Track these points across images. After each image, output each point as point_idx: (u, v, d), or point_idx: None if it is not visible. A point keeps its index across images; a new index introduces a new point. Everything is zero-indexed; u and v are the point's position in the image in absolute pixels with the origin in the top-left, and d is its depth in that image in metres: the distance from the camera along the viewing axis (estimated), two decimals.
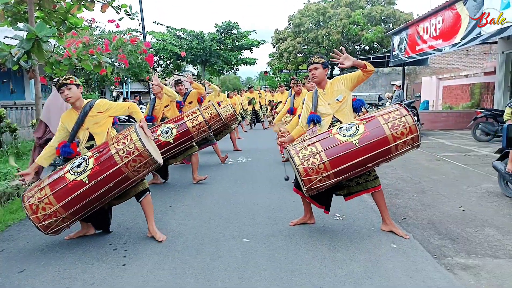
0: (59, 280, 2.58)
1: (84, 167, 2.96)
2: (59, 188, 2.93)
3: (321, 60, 3.39)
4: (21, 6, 5.56)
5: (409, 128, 3.03)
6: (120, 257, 2.93)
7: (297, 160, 3.01)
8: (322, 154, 3.00)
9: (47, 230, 2.97)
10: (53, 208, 2.90)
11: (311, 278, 2.56)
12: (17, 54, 4.55)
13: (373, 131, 3.04)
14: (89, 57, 5.90)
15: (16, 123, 8.94)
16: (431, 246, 3.12)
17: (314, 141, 3.11)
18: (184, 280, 2.57)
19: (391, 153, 3.09)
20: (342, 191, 3.38)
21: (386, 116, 3.11)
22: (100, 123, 3.29)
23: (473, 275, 2.61)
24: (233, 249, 3.04)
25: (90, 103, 3.33)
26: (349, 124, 3.14)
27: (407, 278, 2.54)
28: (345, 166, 3.00)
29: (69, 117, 3.33)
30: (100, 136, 3.28)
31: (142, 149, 2.96)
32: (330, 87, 3.40)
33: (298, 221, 3.63)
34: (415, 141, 3.09)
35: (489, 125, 8.79)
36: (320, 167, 2.97)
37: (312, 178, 2.98)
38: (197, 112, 5.23)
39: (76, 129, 3.26)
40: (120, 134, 3.13)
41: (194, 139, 5.24)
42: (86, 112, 3.26)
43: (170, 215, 3.97)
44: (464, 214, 3.91)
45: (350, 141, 3.01)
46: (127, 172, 2.98)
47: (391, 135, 3.02)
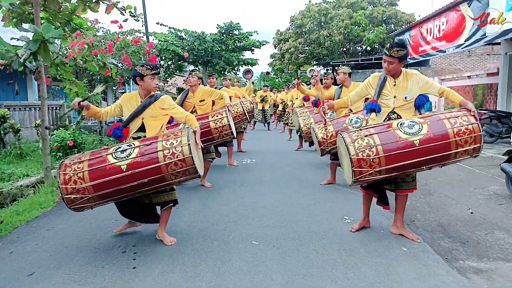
0: (69, 283, 2.57)
1: (127, 154, 2.92)
2: (96, 167, 2.89)
3: (399, 54, 3.05)
4: (26, 7, 5.55)
5: (474, 138, 2.89)
6: (130, 260, 2.92)
7: (352, 150, 2.89)
8: (379, 148, 2.87)
9: (70, 204, 2.91)
10: (83, 185, 2.85)
11: (323, 282, 2.55)
12: (23, 56, 4.54)
13: (437, 134, 2.89)
14: (94, 58, 5.89)
15: (19, 123, 8.94)
16: (442, 249, 3.11)
17: (372, 132, 2.97)
18: (195, 283, 2.55)
19: (449, 159, 2.98)
20: (390, 186, 3.28)
21: (452, 120, 2.94)
22: (157, 118, 3.27)
23: (486, 279, 2.60)
24: (243, 252, 3.03)
25: (156, 95, 3.30)
26: (412, 122, 2.97)
27: (420, 282, 2.53)
28: (400, 165, 2.89)
29: (131, 100, 3.29)
30: (152, 129, 3.24)
31: (187, 156, 2.91)
32: (404, 80, 3.15)
33: (358, 226, 3.49)
34: (476, 151, 2.97)
35: (493, 126, 8.78)
36: (375, 161, 2.87)
37: (363, 171, 2.89)
38: (223, 114, 4.99)
39: (134, 115, 3.23)
40: (172, 133, 3.08)
41: (214, 140, 5.03)
42: (150, 103, 3.23)
43: (177, 217, 3.95)
44: (473, 216, 3.89)
45: (411, 140, 2.88)
46: (165, 173, 2.92)
47: (455, 141, 2.88)
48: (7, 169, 6.67)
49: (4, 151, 8.01)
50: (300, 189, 5.03)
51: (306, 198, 4.61)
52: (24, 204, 4.51)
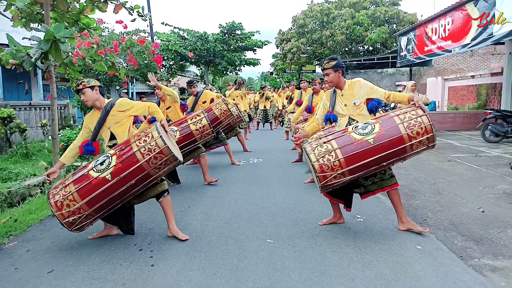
0: (89, 281, 2.59)
1: (107, 164, 2.99)
2: (83, 185, 2.96)
3: (331, 64, 3.35)
4: (34, 7, 5.57)
5: (424, 128, 3.05)
6: (147, 258, 2.93)
7: (313, 157, 3.05)
8: (337, 152, 3.04)
9: (71, 227, 3.01)
10: (77, 205, 2.94)
11: (342, 279, 2.56)
12: (35, 55, 4.56)
13: (389, 130, 3.07)
14: (103, 58, 5.91)
15: (25, 123, 8.96)
16: (456, 247, 3.12)
17: (330, 138, 3.15)
18: (214, 280, 2.57)
19: (406, 152, 3.12)
20: (360, 189, 3.41)
21: (402, 116, 3.14)
22: (121, 122, 3.32)
23: (503, 276, 2.61)
24: (259, 250, 3.05)
25: (111, 102, 3.35)
26: (365, 123, 3.18)
27: (438, 280, 2.54)
28: (360, 164, 3.04)
29: (91, 118, 3.37)
30: (121, 135, 3.30)
31: (163, 147, 2.99)
32: (349, 88, 3.41)
33: (327, 221, 3.65)
34: (431, 141, 3.11)
35: (499, 126, 8.79)
36: (335, 164, 3.01)
37: (327, 175, 3.02)
38: (201, 115, 5.22)
39: (98, 128, 3.30)
40: (141, 132, 3.15)
41: (197, 142, 5.22)
42: (108, 111, 3.30)
43: (190, 215, 3.97)
44: (484, 215, 3.91)
45: (366, 139, 3.05)
46: (149, 169, 3.01)
47: (407, 134, 3.04)
48: (14, 168, 6.70)
49: (11, 151, 8.03)
50: (309, 188, 5.05)
51: (316, 196, 4.62)
52: (36, 203, 4.53)
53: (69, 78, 6.50)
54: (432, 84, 18.41)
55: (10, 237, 3.49)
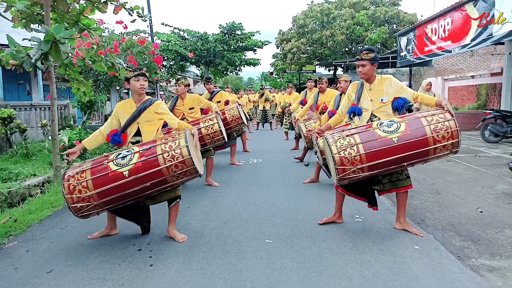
0: (88, 281, 2.60)
1: (128, 160, 2.97)
2: (99, 175, 2.94)
3: (369, 56, 3.30)
4: (34, 8, 5.59)
5: (451, 133, 3.01)
6: (146, 258, 2.95)
7: (334, 149, 3.02)
8: (359, 146, 3.01)
9: (77, 212, 2.98)
10: (88, 193, 2.91)
11: (339, 279, 2.57)
12: (35, 56, 4.58)
13: (414, 131, 3.03)
14: (103, 59, 5.93)
15: (25, 123, 8.98)
16: (454, 247, 3.13)
17: (353, 132, 3.12)
18: (213, 280, 2.58)
19: (429, 155, 3.09)
20: (379, 186, 3.38)
21: (429, 118, 3.09)
22: (152, 122, 3.32)
23: (500, 276, 2.62)
24: (257, 250, 3.06)
25: (151, 100, 3.35)
26: (391, 121, 3.13)
27: (435, 280, 2.56)
28: (381, 162, 3.01)
29: (125, 107, 3.35)
30: (147, 134, 3.28)
31: (186, 157, 2.96)
32: (379, 84, 3.35)
33: (327, 219, 3.67)
34: (455, 146, 3.07)
35: (498, 126, 8.79)
36: (356, 158, 2.99)
37: (346, 168, 3.00)
38: (214, 120, 5.12)
39: (131, 120, 3.28)
40: (169, 136, 3.13)
41: (207, 146, 5.18)
42: (145, 107, 3.29)
43: (189, 215, 3.99)
44: (482, 215, 3.92)
45: (390, 137, 3.01)
46: (167, 175, 2.98)
47: (432, 137, 3.01)
48: (14, 168, 6.71)
49: (11, 151, 8.05)
50: (309, 188, 5.06)
51: (316, 196, 4.64)
52: (36, 203, 4.54)
53: (69, 78, 6.52)
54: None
55: (10, 237, 3.50)
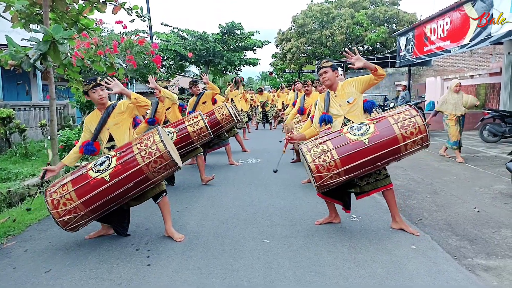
0: (86, 280, 2.62)
1: (107, 165, 3.01)
2: (81, 185, 2.97)
3: (329, 64, 3.53)
4: (33, 8, 5.59)
5: (418, 128, 3.12)
6: (144, 257, 2.97)
7: (309, 157, 3.10)
8: (333, 152, 3.09)
9: (66, 226, 3.01)
10: (73, 204, 2.95)
11: (336, 278, 2.59)
12: (33, 56, 4.59)
13: (383, 131, 3.13)
14: (101, 59, 5.94)
15: (24, 123, 9.00)
16: (450, 247, 3.15)
17: (326, 139, 3.20)
18: (210, 280, 2.60)
19: (401, 152, 3.18)
20: (355, 189, 3.44)
21: (396, 116, 3.21)
22: (120, 124, 3.36)
23: (496, 276, 2.64)
24: (254, 250, 3.08)
25: (112, 104, 3.41)
26: (360, 124, 3.24)
27: (431, 279, 2.57)
28: (355, 164, 3.09)
29: (92, 118, 3.41)
30: (119, 137, 3.34)
31: (163, 151, 3.01)
32: (341, 89, 3.51)
33: (323, 220, 3.69)
34: (424, 141, 3.18)
35: (497, 126, 8.80)
36: (331, 164, 3.06)
37: (323, 175, 3.07)
38: (199, 117, 5.26)
39: (99, 128, 3.33)
40: (143, 135, 3.18)
41: (195, 143, 5.26)
42: (109, 112, 3.34)
43: (187, 215, 4.01)
44: (479, 215, 3.93)
45: (361, 139, 3.11)
46: (148, 172, 3.03)
47: (401, 134, 3.11)
48: (13, 168, 6.73)
49: (10, 151, 8.07)
50: (307, 188, 5.08)
51: (313, 196, 4.64)
52: (35, 203, 4.56)
53: (68, 78, 6.54)
54: (431, 84, 18.42)
55: (8, 237, 3.52)
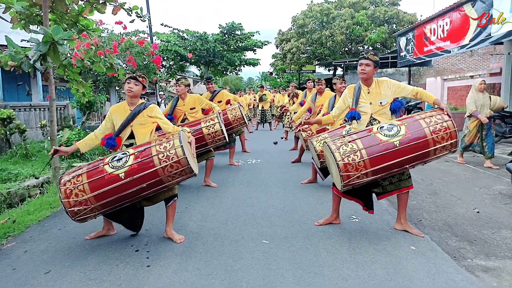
0: (86, 281, 2.62)
1: (124, 162, 3.00)
2: (95, 178, 2.96)
3: (375, 58, 3.34)
4: (33, 9, 5.60)
5: (450, 134, 3.08)
6: (143, 259, 2.97)
7: (338, 156, 3.04)
8: (362, 152, 3.04)
9: (74, 216, 2.99)
10: (85, 196, 2.93)
11: (335, 279, 2.59)
12: (33, 57, 4.59)
13: (415, 134, 3.08)
14: (101, 59, 5.94)
15: (25, 124, 9.00)
16: (450, 248, 3.15)
17: (355, 138, 3.14)
18: (209, 281, 2.60)
19: (429, 156, 3.14)
20: (378, 189, 3.40)
21: (428, 119, 3.14)
22: (145, 125, 3.35)
23: (495, 277, 2.64)
24: (254, 251, 3.08)
25: (144, 104, 3.39)
26: (390, 124, 3.16)
27: (430, 280, 2.57)
28: (384, 166, 3.05)
29: (119, 110, 3.37)
30: (141, 137, 3.31)
31: (181, 157, 2.99)
32: (376, 87, 3.37)
33: (323, 221, 3.68)
34: (453, 146, 3.14)
35: (497, 126, 8.78)
36: (360, 164, 3.02)
37: (351, 174, 3.03)
38: (216, 120, 5.15)
39: (125, 124, 3.31)
40: (164, 137, 3.16)
41: (208, 146, 5.18)
42: (139, 111, 3.32)
43: (187, 216, 4.01)
44: (479, 216, 3.93)
45: (391, 141, 3.06)
46: (162, 176, 3.01)
47: (432, 139, 3.07)
48: (13, 169, 6.74)
49: (10, 151, 8.07)
50: (307, 189, 5.08)
51: (313, 197, 4.66)
52: (35, 204, 4.56)
53: (68, 79, 6.54)
54: (431, 84, 18.41)
55: (8, 238, 3.52)
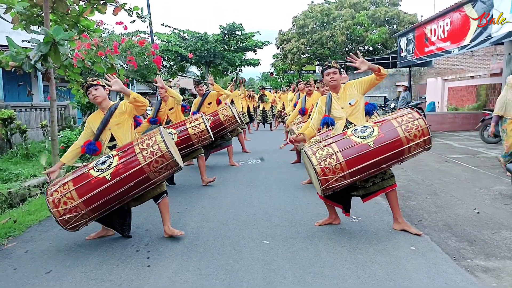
0: (86, 281, 2.63)
1: (108, 164, 3.02)
2: (82, 184, 2.98)
3: (337, 65, 3.55)
4: (34, 10, 5.61)
5: (421, 131, 3.16)
6: (144, 259, 2.98)
7: (315, 160, 3.10)
8: (338, 155, 3.10)
9: (66, 225, 3.01)
10: (74, 203, 2.95)
11: (335, 280, 2.60)
12: (34, 58, 4.61)
13: (387, 133, 3.16)
14: (102, 60, 5.95)
15: (25, 124, 9.01)
16: (449, 248, 3.15)
17: (330, 142, 3.21)
18: (209, 281, 2.61)
19: (404, 154, 3.21)
20: (358, 192, 3.44)
21: (399, 119, 3.24)
22: (121, 124, 3.37)
23: (495, 277, 2.64)
24: (254, 251, 3.08)
25: (115, 104, 3.42)
26: (364, 126, 3.25)
27: (430, 280, 2.58)
28: (361, 167, 3.11)
29: (95, 118, 3.42)
30: (121, 137, 3.35)
31: (165, 151, 3.03)
32: (343, 91, 3.53)
33: (323, 221, 3.70)
34: (427, 143, 3.22)
35: (497, 126, 8.78)
36: (337, 167, 3.07)
37: (329, 178, 3.08)
38: (200, 119, 5.26)
39: (101, 128, 3.33)
40: (145, 135, 3.20)
41: (195, 146, 5.27)
42: (112, 112, 3.35)
43: (187, 216, 4.02)
44: (479, 216, 3.94)
45: (366, 142, 3.13)
46: (149, 172, 3.04)
47: (405, 137, 3.15)
48: (14, 169, 6.75)
49: (11, 152, 8.08)
50: (307, 189, 5.08)
51: (313, 197, 4.65)
52: (35, 204, 4.58)
53: (69, 80, 6.55)
54: (432, 84, 18.41)
55: (9, 238, 3.54)
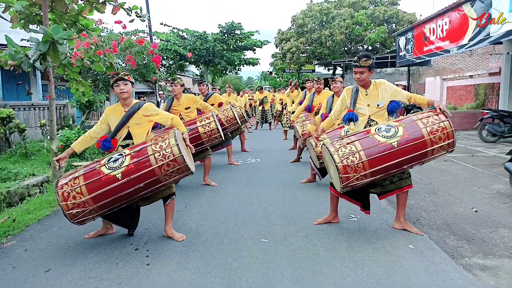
0: (86, 280, 2.63)
1: (120, 163, 3.00)
2: (92, 180, 2.96)
3: (367, 63, 3.31)
4: (33, 9, 5.60)
5: (447, 134, 3.10)
6: (143, 257, 2.98)
7: (337, 158, 3.06)
8: (361, 153, 3.06)
9: (73, 219, 3.00)
10: (83, 198, 2.94)
11: (333, 278, 2.61)
12: (33, 56, 4.60)
13: (412, 134, 3.10)
14: (101, 59, 5.94)
15: (24, 123, 9.01)
16: (448, 246, 3.16)
17: (353, 139, 3.16)
18: (208, 280, 2.61)
19: (427, 156, 3.16)
20: (376, 189, 3.43)
21: (425, 120, 3.16)
22: (142, 125, 3.34)
23: (492, 275, 2.66)
24: (253, 249, 3.09)
25: (139, 103, 3.38)
26: (388, 126, 3.18)
27: (428, 279, 2.59)
28: (383, 166, 3.07)
29: (114, 112, 3.35)
30: (139, 137, 3.31)
31: (177, 155, 3.00)
32: (374, 89, 3.40)
33: (322, 220, 3.70)
34: (451, 146, 3.16)
35: (496, 126, 8.82)
36: (359, 166, 3.04)
37: (350, 176, 3.05)
38: (211, 118, 5.17)
39: (120, 125, 3.29)
40: (159, 137, 3.17)
41: (205, 145, 5.21)
42: (134, 112, 3.30)
43: (186, 215, 4.02)
44: (477, 215, 3.95)
45: (389, 142, 3.08)
46: (159, 175, 3.01)
47: (429, 139, 3.09)
48: (13, 168, 6.75)
49: (10, 151, 8.08)
50: (306, 188, 5.09)
51: (312, 196, 4.67)
52: (34, 203, 4.58)
53: (68, 78, 6.55)
54: (430, 83, 18.44)
55: (8, 237, 3.54)
